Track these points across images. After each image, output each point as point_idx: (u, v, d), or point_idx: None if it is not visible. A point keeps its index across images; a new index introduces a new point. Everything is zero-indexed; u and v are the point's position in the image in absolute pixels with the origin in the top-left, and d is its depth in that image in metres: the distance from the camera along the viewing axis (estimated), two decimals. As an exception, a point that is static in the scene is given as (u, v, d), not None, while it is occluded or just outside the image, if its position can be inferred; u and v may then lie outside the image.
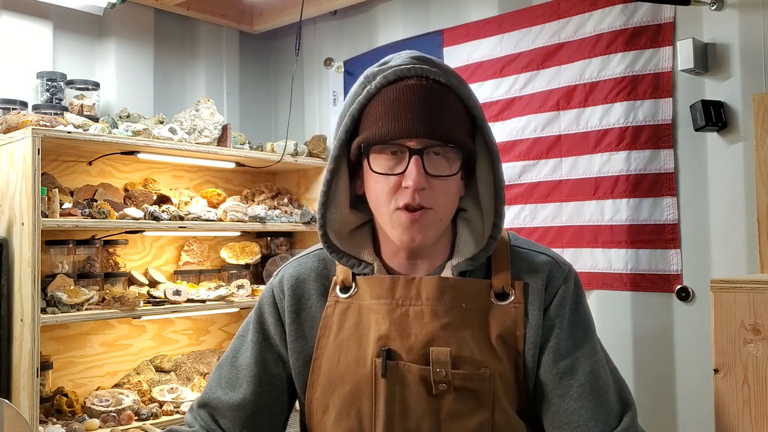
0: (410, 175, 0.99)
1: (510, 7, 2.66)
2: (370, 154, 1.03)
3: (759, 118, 2.04)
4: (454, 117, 1.02)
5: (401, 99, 1.00)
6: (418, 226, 1.02)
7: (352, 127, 1.05)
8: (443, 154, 1.02)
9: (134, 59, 2.99)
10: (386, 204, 1.03)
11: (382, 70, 1.04)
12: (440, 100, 1.01)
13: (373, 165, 1.03)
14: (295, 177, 3.24)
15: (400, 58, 1.06)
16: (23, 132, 2.20)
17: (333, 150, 1.07)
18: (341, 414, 1.06)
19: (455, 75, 1.06)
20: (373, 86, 1.03)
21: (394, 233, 1.04)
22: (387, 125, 1.00)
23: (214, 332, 3.09)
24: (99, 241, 2.58)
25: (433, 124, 1.00)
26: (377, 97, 1.03)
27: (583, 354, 1.05)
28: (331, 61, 3.29)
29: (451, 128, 1.01)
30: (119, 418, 2.38)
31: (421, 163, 1.00)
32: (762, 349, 1.56)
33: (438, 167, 1.02)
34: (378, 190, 1.04)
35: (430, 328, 1.03)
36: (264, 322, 1.17)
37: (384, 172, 1.02)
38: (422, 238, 1.03)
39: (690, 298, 2.22)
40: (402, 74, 1.02)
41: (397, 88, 1.02)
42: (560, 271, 1.09)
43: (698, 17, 2.21)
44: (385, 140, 1.01)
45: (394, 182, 1.02)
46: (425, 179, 1.00)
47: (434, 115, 1.00)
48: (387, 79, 1.03)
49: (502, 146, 2.63)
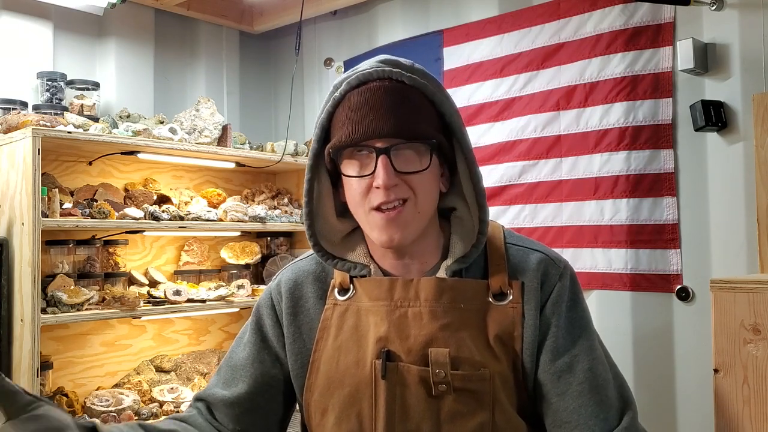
0: (379, 175, 1.00)
1: (510, 7, 2.66)
2: (342, 159, 1.05)
3: (759, 118, 2.04)
4: (419, 113, 1.03)
5: (364, 101, 1.02)
6: (395, 224, 1.02)
7: (323, 136, 1.07)
8: (412, 149, 1.03)
9: (134, 59, 2.99)
10: (361, 205, 1.04)
11: (347, 77, 1.06)
12: (402, 98, 1.02)
13: (345, 169, 1.05)
14: (295, 177, 3.24)
15: (366, 64, 1.07)
16: (23, 132, 2.20)
17: (308, 160, 1.09)
18: (341, 416, 1.06)
19: (423, 74, 1.06)
20: (338, 93, 1.05)
21: (373, 234, 1.05)
22: (352, 128, 1.01)
23: (214, 332, 3.09)
24: (99, 241, 2.58)
25: (397, 122, 1.01)
26: (342, 103, 1.04)
27: (581, 351, 1.04)
28: (331, 61, 3.29)
29: (416, 124, 1.02)
30: (119, 418, 2.38)
31: (389, 162, 1.00)
32: (762, 349, 1.57)
33: (408, 164, 1.02)
34: (352, 193, 1.05)
35: (429, 329, 1.03)
36: (262, 325, 1.17)
37: (355, 175, 1.04)
38: (401, 236, 1.03)
39: (690, 298, 2.22)
40: (365, 78, 1.03)
41: (360, 91, 1.03)
42: (555, 268, 1.08)
43: (698, 17, 2.22)
44: (351, 143, 1.02)
45: (366, 184, 1.03)
46: (395, 177, 1.01)
47: (397, 113, 1.01)
48: (350, 85, 1.04)
49: (502, 146, 2.63)
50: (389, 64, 1.05)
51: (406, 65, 1.06)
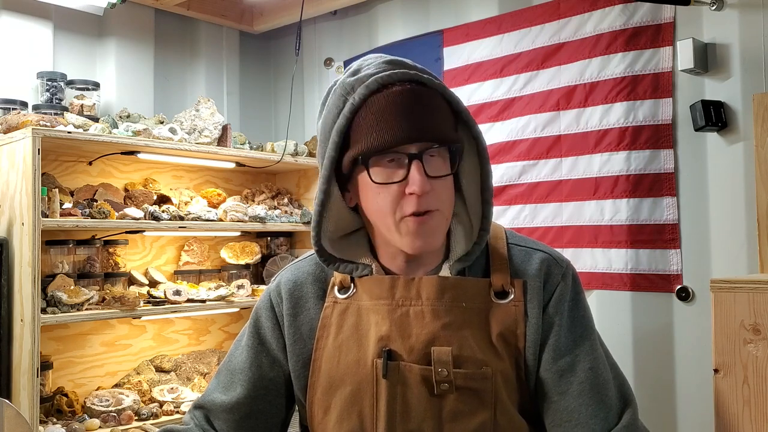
0: (414, 181, 0.99)
1: (510, 7, 2.66)
2: (371, 166, 1.02)
3: (759, 118, 2.04)
4: (442, 116, 1.03)
5: (391, 106, 1.00)
6: (427, 230, 1.02)
7: (342, 143, 1.03)
8: (438, 154, 1.02)
9: (134, 59, 2.99)
10: (391, 214, 1.02)
11: (360, 80, 1.03)
12: (427, 101, 1.01)
13: (373, 176, 1.02)
14: (295, 177, 3.24)
15: (373, 66, 1.05)
16: (23, 132, 2.20)
17: (324, 170, 1.04)
18: (342, 415, 1.06)
19: (431, 73, 1.06)
20: (356, 98, 1.01)
21: (405, 241, 1.03)
22: (383, 134, 0.99)
23: (215, 332, 3.09)
24: (99, 241, 2.58)
25: (427, 127, 1.00)
26: (364, 108, 1.01)
27: (582, 351, 1.05)
28: (331, 61, 3.29)
29: (442, 128, 1.02)
30: (119, 418, 2.38)
31: (422, 167, 1.00)
32: (762, 349, 1.57)
33: (437, 168, 1.02)
34: (380, 201, 1.03)
35: (430, 328, 1.03)
36: (260, 327, 1.17)
37: (385, 182, 1.01)
38: (432, 242, 1.03)
39: (690, 298, 2.22)
40: (384, 82, 1.01)
41: (384, 96, 1.00)
42: (558, 267, 1.08)
43: (698, 17, 2.22)
44: (383, 149, 1.00)
45: (396, 191, 1.01)
46: (428, 182, 1.00)
47: (425, 117, 1.00)
48: (370, 89, 1.01)
49: (502, 146, 2.63)
50: (401, 66, 1.04)
51: (417, 67, 1.05)
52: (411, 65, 1.05)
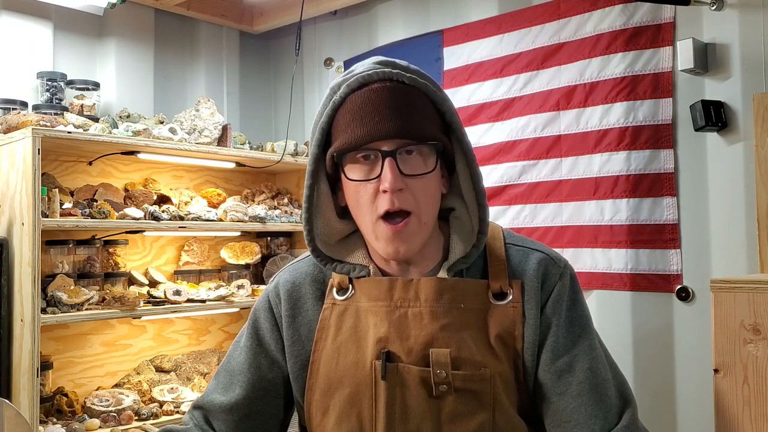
0: (385, 178, 0.99)
1: (510, 7, 2.66)
2: (345, 163, 1.03)
3: (759, 118, 2.04)
4: (423, 114, 1.02)
5: (366, 103, 1.00)
6: (401, 236, 1.01)
7: (324, 141, 1.05)
8: (417, 152, 1.02)
9: (134, 59, 2.99)
10: (368, 213, 1.03)
11: (346, 79, 1.04)
12: (405, 99, 1.01)
13: (349, 173, 1.03)
14: (295, 177, 3.24)
15: (363, 66, 1.06)
16: (23, 132, 2.20)
17: (308, 165, 1.07)
18: (341, 416, 1.05)
19: (421, 74, 1.05)
20: (338, 96, 1.03)
21: (379, 245, 1.04)
22: (356, 131, 1.00)
23: (215, 332, 3.09)
24: (99, 241, 2.58)
25: (402, 123, 1.00)
26: (343, 106, 1.03)
27: (581, 351, 1.04)
28: (331, 61, 3.29)
29: (421, 125, 1.01)
30: (119, 418, 2.38)
31: (395, 164, 0.99)
32: (762, 349, 1.57)
33: (413, 166, 1.01)
34: (358, 199, 1.04)
35: (429, 329, 1.03)
36: (259, 328, 1.17)
37: (360, 179, 1.02)
38: (407, 249, 1.03)
39: (690, 298, 2.22)
40: (365, 80, 1.02)
41: (362, 93, 1.01)
42: (556, 267, 1.08)
43: (698, 17, 2.22)
44: (356, 146, 1.00)
45: (372, 188, 1.02)
46: (401, 180, 1.00)
47: (401, 114, 1.00)
48: (351, 87, 1.02)
49: (502, 146, 2.63)
50: (388, 65, 1.04)
51: (405, 66, 1.05)
52: (401, 65, 1.05)
